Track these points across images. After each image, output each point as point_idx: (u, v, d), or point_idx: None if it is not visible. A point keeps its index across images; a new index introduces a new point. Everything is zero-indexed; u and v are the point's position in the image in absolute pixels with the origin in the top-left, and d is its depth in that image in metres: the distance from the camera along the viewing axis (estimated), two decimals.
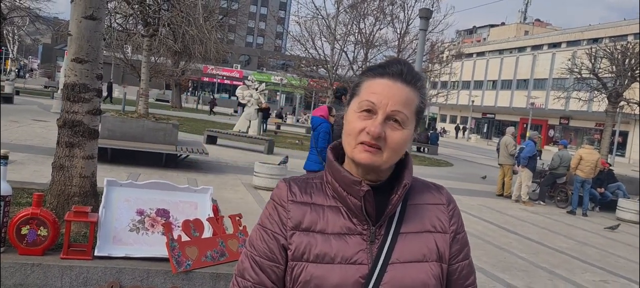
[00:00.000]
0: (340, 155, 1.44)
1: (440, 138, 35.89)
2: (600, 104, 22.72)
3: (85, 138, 3.90)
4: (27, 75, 72.18)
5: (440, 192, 1.50)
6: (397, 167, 1.42)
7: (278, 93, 67.85)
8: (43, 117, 20.43)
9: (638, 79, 18.76)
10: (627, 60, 18.86)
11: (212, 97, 46.50)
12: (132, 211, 3.18)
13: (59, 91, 27.39)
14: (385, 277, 1.34)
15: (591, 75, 19.98)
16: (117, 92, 57.60)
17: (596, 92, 20.50)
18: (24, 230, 2.88)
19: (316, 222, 1.37)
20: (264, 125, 29.64)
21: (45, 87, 57.64)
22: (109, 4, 15.10)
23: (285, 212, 1.39)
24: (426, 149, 30.11)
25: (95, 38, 3.94)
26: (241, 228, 3.30)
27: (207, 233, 3.12)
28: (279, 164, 11.98)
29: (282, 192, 1.43)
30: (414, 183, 1.48)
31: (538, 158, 15.48)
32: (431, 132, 33.75)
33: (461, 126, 71.62)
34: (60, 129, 3.93)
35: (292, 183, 1.44)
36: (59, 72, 48.83)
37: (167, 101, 51.13)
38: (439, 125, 74.74)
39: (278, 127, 33.09)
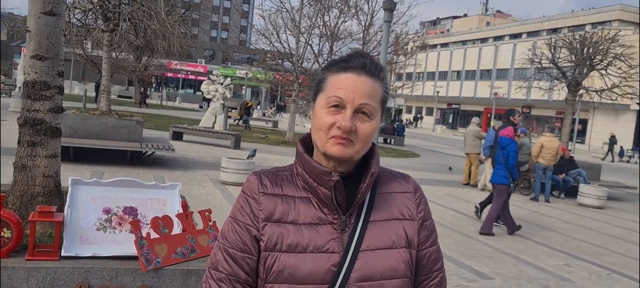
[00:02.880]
0: (309, 148, 1.46)
1: (409, 129, 36.28)
2: (560, 93, 23.28)
3: (47, 136, 3.81)
4: None
5: (407, 181, 1.54)
6: (365, 157, 1.45)
7: (243, 87, 67.40)
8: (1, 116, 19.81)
9: (596, 67, 19.30)
10: (585, 50, 19.37)
11: (142, 89, 45.58)
12: (98, 210, 3.12)
13: (17, 89, 26.54)
14: (357, 265, 1.37)
15: (551, 65, 20.45)
16: (77, 89, 56.33)
17: (556, 81, 20.99)
18: None
19: (288, 212, 1.39)
20: (248, 122, 29.43)
21: (3, 84, 55.90)
22: None
23: (257, 204, 1.41)
24: (393, 141, 30.37)
25: (55, 34, 3.84)
26: (211, 223, 3.27)
27: (177, 229, 3.08)
28: (247, 158, 11.94)
29: (253, 185, 1.44)
30: (382, 173, 1.51)
31: None
32: (397, 123, 34.06)
33: (418, 116, 73.27)
34: (21, 128, 3.83)
35: (262, 175, 1.46)
36: (16, 69, 47.42)
37: (130, 97, 50.19)
38: (405, 117, 75.49)
39: (238, 120, 32.86)
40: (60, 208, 3.24)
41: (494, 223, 9.17)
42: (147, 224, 3.05)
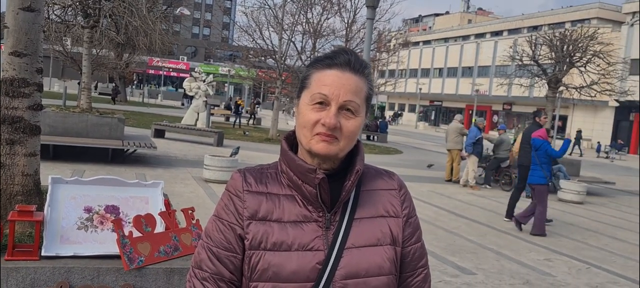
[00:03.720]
0: (293, 145, 1.45)
1: (390, 126, 36.42)
2: (541, 90, 23.55)
3: (26, 134, 3.74)
4: None
5: (391, 178, 1.54)
6: (349, 154, 1.44)
7: (226, 84, 67.08)
8: None
9: (576, 64, 19.55)
10: (565, 47, 19.61)
11: (114, 85, 45.30)
12: (79, 208, 3.08)
13: None
14: (342, 262, 1.37)
15: (532, 62, 20.68)
16: (57, 87, 55.54)
17: (537, 78, 21.22)
18: None
19: (272, 211, 1.38)
20: (238, 119, 29.29)
21: None
22: None
23: (241, 202, 1.40)
24: (376, 137, 30.48)
25: (33, 30, 3.78)
26: (194, 221, 3.25)
27: (160, 228, 3.06)
28: (230, 155, 11.90)
29: (237, 183, 1.43)
30: (367, 171, 1.51)
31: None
32: (380, 120, 34.18)
33: (398, 112, 73.93)
34: None
35: (247, 173, 1.45)
36: None
37: (110, 94, 49.64)
38: (387, 114, 75.85)
39: (227, 118, 32.74)
40: (40, 208, 3.19)
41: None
42: (129, 223, 3.02)
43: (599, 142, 42.99)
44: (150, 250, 2.94)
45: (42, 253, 2.87)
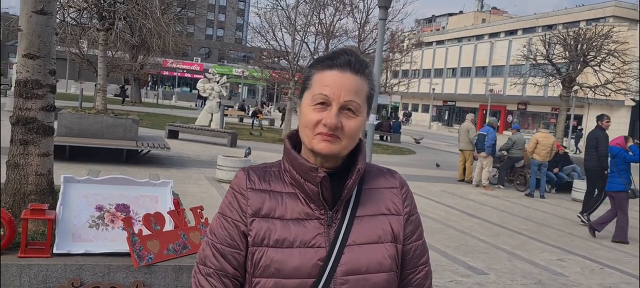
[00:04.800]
0: (297, 144, 1.48)
1: (402, 126, 36.31)
2: (555, 89, 23.35)
3: (40, 135, 3.82)
4: None
5: (393, 177, 1.56)
6: (351, 153, 1.46)
7: (240, 85, 67.35)
8: None
9: (590, 64, 19.35)
10: (579, 46, 19.41)
11: (122, 86, 45.88)
12: (91, 207, 3.13)
13: (12, 89, 26.44)
14: (343, 259, 1.39)
15: (546, 61, 20.49)
16: (73, 88, 56.14)
17: (551, 77, 21.03)
18: None
19: (275, 208, 1.41)
20: (254, 121, 29.38)
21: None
22: None
23: (245, 200, 1.43)
24: (389, 138, 30.41)
25: (46, 33, 3.85)
26: (203, 220, 3.29)
27: (169, 226, 3.10)
28: (244, 156, 11.98)
29: (241, 181, 1.46)
30: (369, 169, 1.53)
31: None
32: (394, 120, 34.09)
33: (407, 112, 73.64)
34: (13, 127, 3.84)
35: (250, 171, 1.48)
36: (12, 69, 47.25)
37: (128, 96, 50.10)
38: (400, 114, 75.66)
39: (240, 119, 32.88)
40: (53, 206, 3.25)
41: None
42: (139, 221, 3.07)
43: None
44: (160, 248, 2.99)
45: (54, 251, 2.93)
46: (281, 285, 1.36)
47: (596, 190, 10.60)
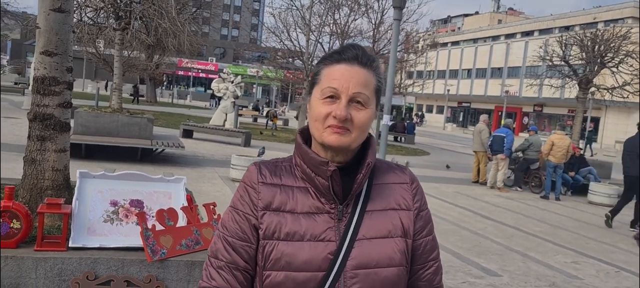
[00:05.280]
0: (308, 140, 1.49)
1: (417, 127, 36.19)
2: (572, 91, 23.12)
3: (56, 131, 3.87)
4: None
5: (403, 172, 1.57)
6: (362, 149, 1.48)
7: (254, 85, 67.58)
8: (14, 114, 20.05)
9: (607, 65, 19.13)
10: (596, 47, 19.20)
11: (134, 85, 46.54)
12: (105, 202, 3.18)
13: (30, 87, 26.72)
14: (353, 253, 1.40)
15: (562, 62, 20.29)
16: (90, 88, 56.70)
17: (567, 79, 20.83)
18: None
19: (286, 202, 1.42)
20: (268, 122, 29.42)
21: (16, 83, 56.41)
22: None
23: (256, 194, 1.44)
24: (403, 139, 30.32)
25: (64, 30, 3.91)
26: (216, 216, 3.32)
27: (182, 222, 3.13)
28: (257, 155, 12.03)
29: (252, 175, 1.48)
30: (379, 165, 1.55)
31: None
32: (408, 121, 33.98)
33: (420, 113, 73.33)
34: (31, 123, 3.90)
35: (262, 166, 1.50)
36: (29, 68, 47.85)
37: (142, 95, 50.55)
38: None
39: (254, 119, 33.00)
40: (68, 201, 3.30)
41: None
42: (152, 217, 3.10)
43: None
44: (173, 243, 3.02)
45: (70, 245, 2.97)
46: (292, 278, 1.37)
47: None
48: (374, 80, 1.44)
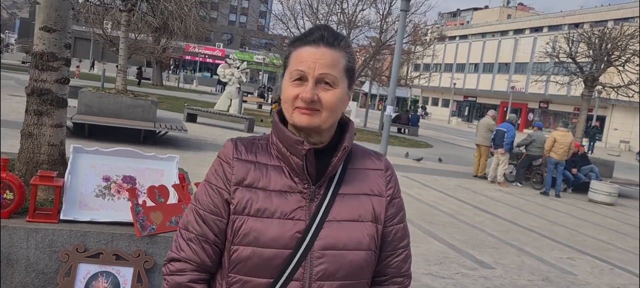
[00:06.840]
0: (286, 120, 1.52)
1: (420, 120, 36.10)
2: (578, 88, 22.99)
3: (53, 106, 3.91)
4: (4, 50, 70.80)
5: (379, 159, 1.60)
6: (340, 132, 1.50)
7: (260, 72, 67.54)
8: (19, 92, 20.14)
9: (614, 63, 18.99)
10: (603, 45, 19.07)
11: (139, 68, 46.90)
12: (98, 177, 3.21)
13: None
14: (322, 233, 1.42)
15: (569, 59, 20.16)
16: (96, 69, 56.79)
17: (573, 76, 20.70)
18: None
19: (259, 179, 1.45)
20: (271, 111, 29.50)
21: (23, 62, 56.62)
22: None
23: (230, 169, 1.47)
24: (407, 130, 30.29)
25: (63, 7, 3.93)
26: None
27: (173, 199, 3.17)
28: None
29: (228, 150, 1.50)
30: (356, 150, 1.57)
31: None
32: (412, 113, 33.93)
33: (423, 107, 72.65)
34: (28, 97, 3.94)
35: (238, 142, 1.52)
36: None
37: (148, 79, 50.63)
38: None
39: (259, 106, 33.03)
40: (62, 175, 3.34)
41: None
42: (144, 193, 3.14)
43: None
44: (162, 219, 3.06)
45: (61, 217, 3.01)
46: (258, 254, 1.39)
47: None
48: (344, 60, 1.46)
